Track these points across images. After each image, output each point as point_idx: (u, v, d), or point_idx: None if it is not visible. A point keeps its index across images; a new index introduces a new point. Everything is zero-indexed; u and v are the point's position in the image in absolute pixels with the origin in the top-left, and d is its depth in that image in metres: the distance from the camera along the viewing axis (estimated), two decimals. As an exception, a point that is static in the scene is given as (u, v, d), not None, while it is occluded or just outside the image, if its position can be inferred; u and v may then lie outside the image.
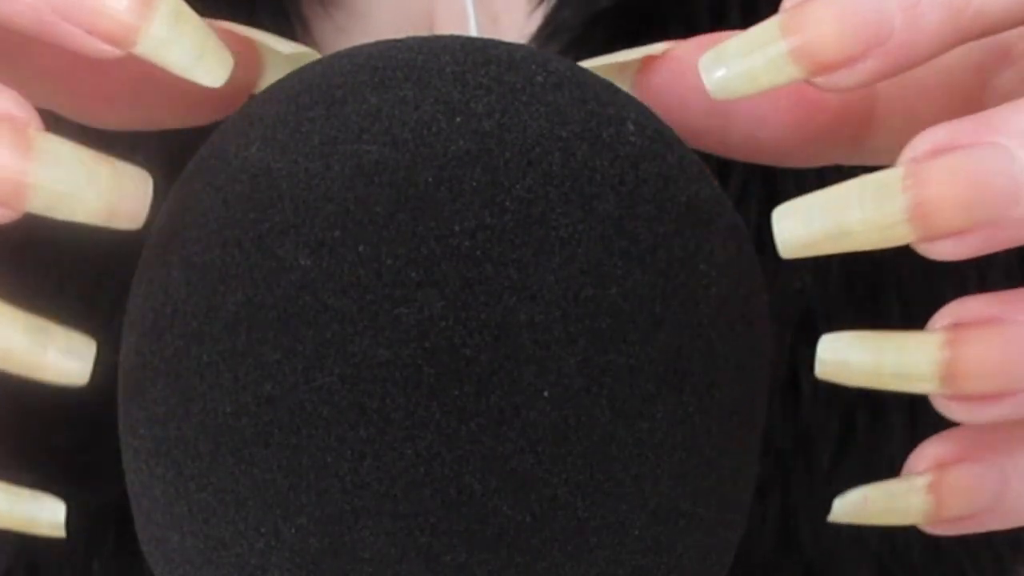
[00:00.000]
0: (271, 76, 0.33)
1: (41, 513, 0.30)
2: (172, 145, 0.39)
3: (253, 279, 0.29)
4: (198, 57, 0.29)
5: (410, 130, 0.29)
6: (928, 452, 0.30)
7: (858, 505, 0.30)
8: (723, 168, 0.42)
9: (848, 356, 0.28)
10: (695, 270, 0.29)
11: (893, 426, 0.47)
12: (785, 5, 0.28)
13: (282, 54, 0.32)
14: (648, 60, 0.32)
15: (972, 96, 0.31)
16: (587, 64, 0.32)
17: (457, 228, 0.28)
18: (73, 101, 0.32)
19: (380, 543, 0.28)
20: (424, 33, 0.45)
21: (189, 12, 0.29)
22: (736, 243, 0.30)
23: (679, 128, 0.31)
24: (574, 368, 0.28)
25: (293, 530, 0.28)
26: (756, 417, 0.31)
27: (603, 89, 0.31)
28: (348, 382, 0.28)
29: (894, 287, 0.44)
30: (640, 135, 0.30)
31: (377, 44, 0.31)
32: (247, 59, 0.32)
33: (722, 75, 0.29)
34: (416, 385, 0.28)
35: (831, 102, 0.31)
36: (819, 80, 0.28)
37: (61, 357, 0.29)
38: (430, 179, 0.28)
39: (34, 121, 0.28)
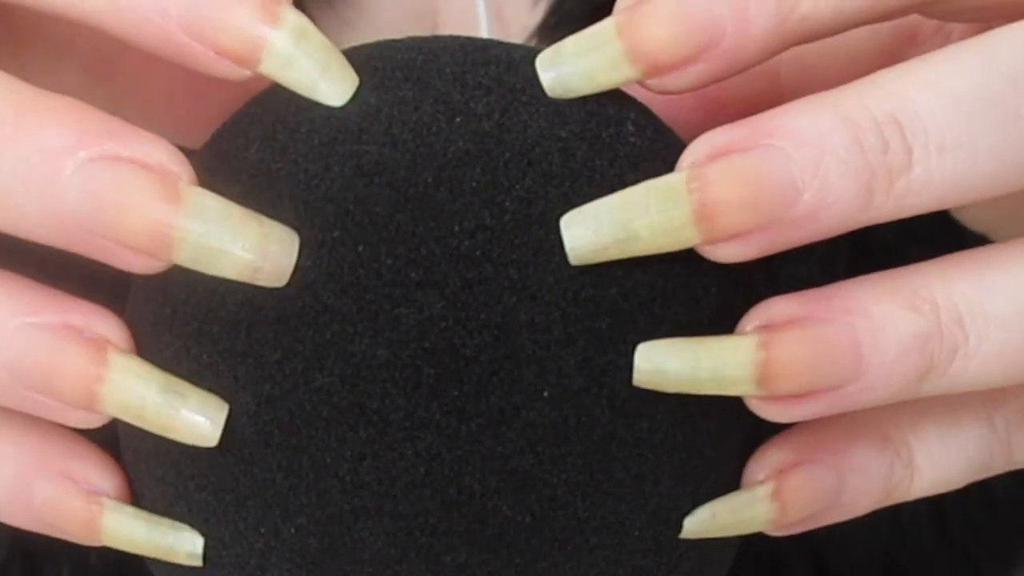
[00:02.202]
0: None
1: (181, 543, 0.30)
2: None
3: None
4: (322, 75, 0.29)
5: (410, 130, 0.29)
6: (767, 460, 0.31)
7: (706, 521, 0.30)
8: None
9: (665, 364, 0.29)
10: (695, 270, 0.29)
11: None
12: (620, 6, 0.29)
13: None
14: None
15: None
16: None
17: (457, 228, 0.28)
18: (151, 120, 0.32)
19: (380, 543, 0.28)
20: (429, 25, 0.45)
21: (313, 28, 0.29)
22: None
23: None
24: (574, 368, 0.28)
25: (293, 530, 0.29)
26: (756, 417, 0.31)
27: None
28: (348, 382, 0.28)
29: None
30: (640, 135, 0.30)
31: (377, 44, 0.31)
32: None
33: (558, 73, 0.30)
34: (416, 385, 0.28)
35: (733, 98, 0.32)
36: (651, 82, 0.29)
37: (193, 418, 0.29)
38: (430, 179, 0.28)
39: (186, 174, 0.28)
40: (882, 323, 0.28)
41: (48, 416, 0.29)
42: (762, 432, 0.31)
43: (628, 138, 0.30)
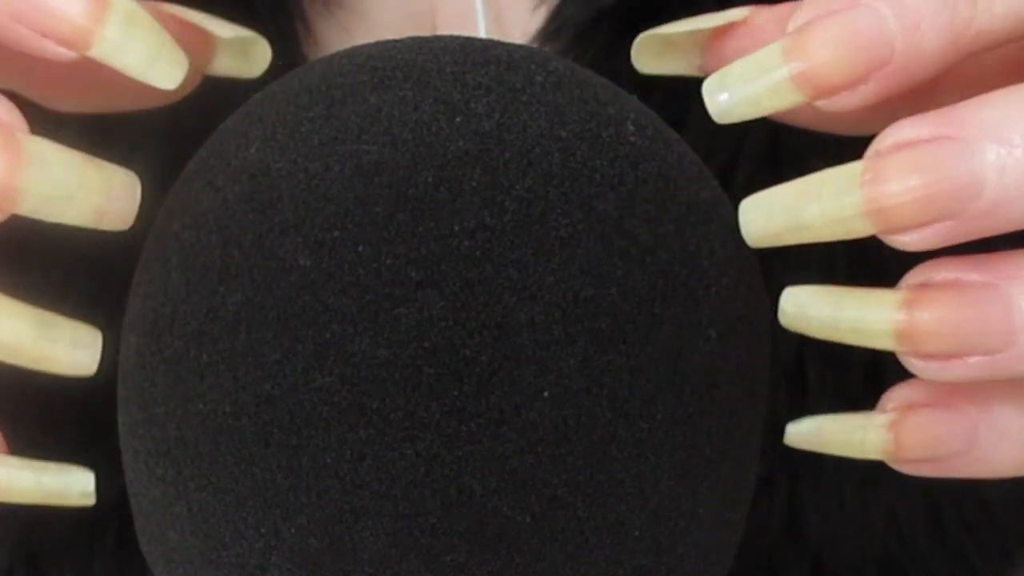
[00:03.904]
0: (223, 59, 0.33)
1: (71, 484, 0.30)
2: (171, 145, 0.39)
3: (253, 279, 0.29)
4: (153, 60, 0.29)
5: (410, 130, 0.29)
6: (897, 393, 0.31)
7: (811, 433, 0.30)
8: (726, 167, 0.42)
9: (808, 308, 0.29)
10: (695, 270, 0.29)
11: None
12: (788, 28, 0.28)
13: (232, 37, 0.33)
14: (724, 27, 0.32)
15: None
16: (659, 30, 0.32)
17: (457, 228, 0.28)
18: (28, 85, 0.32)
19: (380, 543, 0.28)
20: (427, 30, 0.45)
21: (143, 15, 0.29)
22: (736, 243, 0.30)
23: None
24: (574, 368, 0.28)
25: (293, 530, 0.29)
26: (756, 417, 0.31)
27: (603, 89, 0.31)
28: (348, 382, 0.28)
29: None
30: (640, 135, 0.30)
31: (377, 44, 0.31)
32: (196, 43, 0.32)
33: (725, 99, 0.29)
34: (416, 385, 0.28)
35: (893, 99, 0.31)
36: (820, 103, 0.28)
37: (70, 349, 0.29)
38: (430, 179, 0.28)
39: (22, 125, 0.28)
40: None
41: None
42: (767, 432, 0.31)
43: (628, 138, 0.30)
